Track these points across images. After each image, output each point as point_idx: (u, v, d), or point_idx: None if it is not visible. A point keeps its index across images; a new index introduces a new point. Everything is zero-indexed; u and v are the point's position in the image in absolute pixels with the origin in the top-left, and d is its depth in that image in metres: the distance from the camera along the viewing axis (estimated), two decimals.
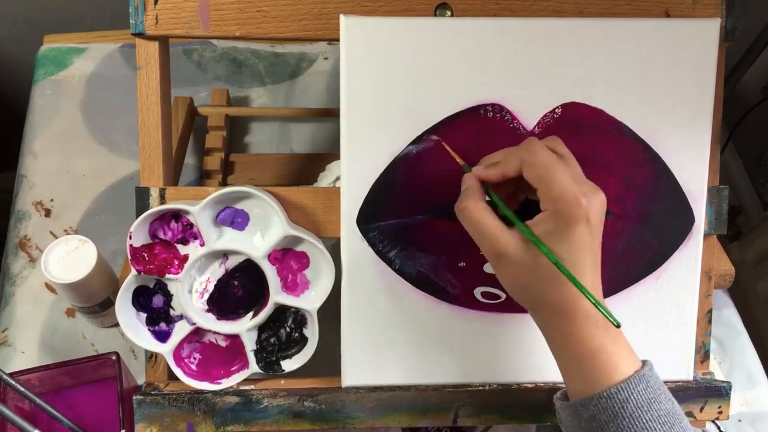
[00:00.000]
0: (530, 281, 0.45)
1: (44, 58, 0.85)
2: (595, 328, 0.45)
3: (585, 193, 0.44)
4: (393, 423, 0.57)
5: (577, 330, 0.45)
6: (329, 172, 0.69)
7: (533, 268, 0.45)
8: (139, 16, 0.52)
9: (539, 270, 0.45)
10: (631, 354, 0.46)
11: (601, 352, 0.44)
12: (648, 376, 0.44)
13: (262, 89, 0.86)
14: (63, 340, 0.69)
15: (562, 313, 0.45)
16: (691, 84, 0.54)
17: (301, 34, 0.53)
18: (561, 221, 0.44)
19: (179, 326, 0.55)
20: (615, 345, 0.45)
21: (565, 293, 0.44)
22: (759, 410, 0.71)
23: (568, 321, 0.45)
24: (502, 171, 0.47)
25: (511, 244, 0.45)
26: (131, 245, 0.53)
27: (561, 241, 0.44)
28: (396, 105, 0.53)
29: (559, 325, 0.45)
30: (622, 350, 0.45)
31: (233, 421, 0.56)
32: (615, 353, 0.45)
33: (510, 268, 0.46)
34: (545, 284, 0.45)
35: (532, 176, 0.45)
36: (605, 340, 0.45)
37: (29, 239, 0.74)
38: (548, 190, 0.44)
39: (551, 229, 0.44)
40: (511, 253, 0.45)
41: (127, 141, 0.80)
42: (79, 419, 0.57)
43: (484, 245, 0.46)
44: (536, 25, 0.53)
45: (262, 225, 0.54)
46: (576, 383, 0.46)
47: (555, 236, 0.44)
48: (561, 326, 0.45)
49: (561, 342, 0.46)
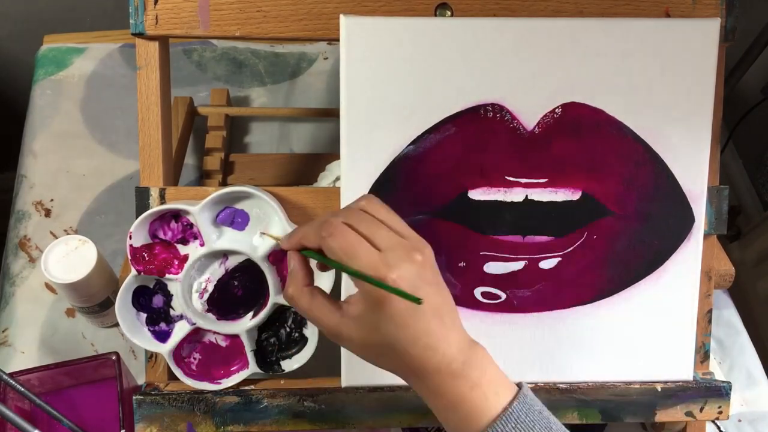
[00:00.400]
0: (375, 353, 0.44)
1: (44, 58, 0.85)
2: (451, 380, 0.43)
3: (390, 265, 0.41)
4: (393, 423, 0.57)
5: (433, 386, 0.43)
6: (329, 172, 0.69)
7: (370, 344, 0.43)
8: (139, 16, 0.52)
9: (376, 345, 0.43)
10: (496, 392, 0.43)
11: (463, 402, 0.43)
12: (516, 411, 0.43)
13: (262, 89, 0.86)
14: (63, 340, 0.69)
15: (414, 375, 0.44)
16: (691, 84, 0.54)
17: (301, 34, 0.53)
18: (370, 301, 0.42)
19: (179, 326, 0.55)
20: (474, 392, 0.43)
21: (408, 357, 0.43)
22: (759, 410, 0.71)
23: (422, 380, 0.43)
24: (298, 241, 0.45)
25: (344, 325, 0.44)
26: (131, 245, 0.53)
27: (379, 321, 0.42)
28: (396, 105, 0.53)
29: (418, 385, 0.44)
30: (484, 394, 0.43)
31: (233, 421, 0.56)
32: (476, 399, 0.43)
33: (352, 346, 0.44)
34: (387, 355, 0.43)
35: (335, 259, 0.43)
36: (463, 389, 0.43)
37: (29, 239, 0.74)
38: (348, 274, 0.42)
39: (365, 311, 0.42)
40: (346, 333, 0.44)
41: (127, 141, 0.80)
42: (79, 419, 0.57)
43: (322, 328, 0.45)
44: (536, 25, 0.53)
45: (262, 225, 0.54)
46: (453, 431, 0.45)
47: (372, 316, 0.42)
48: (418, 385, 0.44)
49: (426, 398, 0.45)
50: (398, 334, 0.42)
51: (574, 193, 0.55)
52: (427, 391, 0.44)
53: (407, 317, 0.42)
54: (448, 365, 0.43)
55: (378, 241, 0.42)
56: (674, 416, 0.58)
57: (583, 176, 0.54)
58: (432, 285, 0.43)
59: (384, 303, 0.41)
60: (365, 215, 0.44)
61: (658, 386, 0.58)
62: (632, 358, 0.57)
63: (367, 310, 0.42)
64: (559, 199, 0.55)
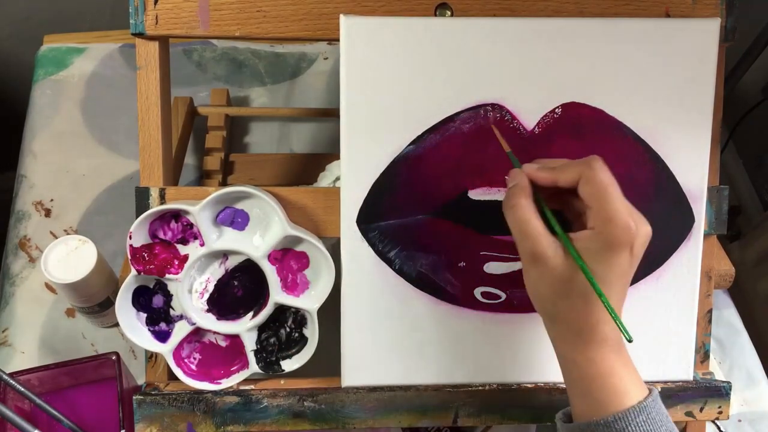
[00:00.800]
0: (558, 292, 0.45)
1: (44, 58, 0.85)
2: (609, 351, 0.45)
3: (636, 221, 0.44)
4: (393, 423, 0.57)
5: (590, 350, 0.45)
6: (329, 172, 0.69)
7: (566, 280, 0.45)
8: (139, 16, 0.52)
9: (572, 284, 0.44)
10: (638, 381, 0.46)
11: (611, 376, 0.45)
12: (650, 407, 0.44)
13: (262, 89, 0.86)
14: (63, 340, 0.69)
15: (580, 332, 0.45)
16: (691, 84, 0.54)
17: (301, 34, 0.53)
18: (606, 243, 0.44)
19: (179, 326, 0.55)
20: (625, 370, 0.45)
21: (590, 313, 0.44)
22: (759, 410, 0.71)
23: (584, 340, 0.45)
24: (555, 178, 0.46)
25: (551, 251, 0.45)
26: (131, 245, 0.53)
27: (601, 261, 0.44)
28: (396, 105, 0.53)
29: (574, 343, 0.46)
30: (631, 376, 0.46)
31: (233, 421, 0.56)
32: (624, 378, 0.45)
33: (543, 273, 0.45)
34: (572, 300, 0.45)
35: (588, 192, 0.44)
36: (617, 364, 0.45)
37: (29, 239, 0.74)
38: (602, 210, 0.44)
39: (594, 248, 0.44)
40: (550, 259, 0.45)
41: (127, 141, 0.80)
42: (79, 419, 0.57)
43: (524, 245, 0.46)
44: (536, 25, 0.53)
45: (262, 225, 0.54)
46: (581, 404, 0.46)
47: (596, 255, 0.44)
48: (576, 344, 0.46)
49: (572, 359, 0.46)
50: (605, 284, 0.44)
51: None
52: (580, 353, 0.45)
53: (619, 276, 0.44)
54: (614, 339, 0.45)
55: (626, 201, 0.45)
56: (674, 416, 0.58)
57: None
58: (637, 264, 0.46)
59: (615, 251, 0.43)
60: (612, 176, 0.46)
61: (658, 386, 0.58)
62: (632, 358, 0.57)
63: (594, 248, 0.44)
64: None
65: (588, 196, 0.44)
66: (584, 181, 0.45)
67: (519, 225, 0.46)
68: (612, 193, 0.44)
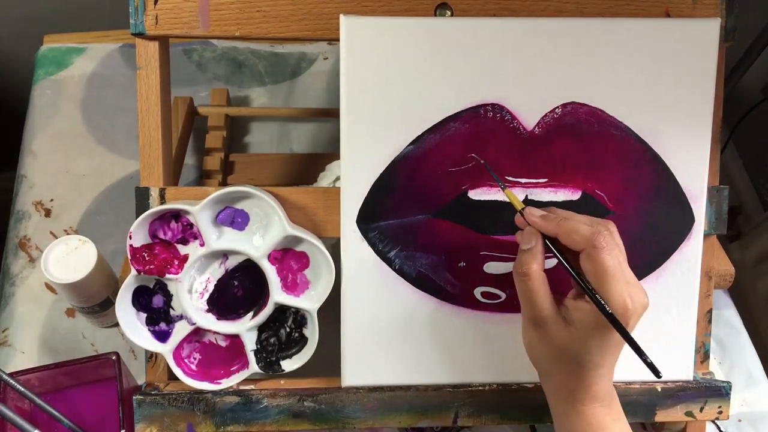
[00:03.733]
0: (555, 355, 0.47)
1: (44, 58, 0.85)
2: (600, 407, 0.47)
3: (633, 298, 0.44)
4: (393, 423, 0.57)
5: (582, 405, 0.47)
6: (329, 172, 0.69)
7: (563, 348, 0.46)
8: (139, 16, 0.52)
9: (568, 352, 0.46)
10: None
11: (602, 429, 0.46)
12: None
13: (262, 89, 0.86)
14: (63, 340, 0.69)
15: (572, 391, 0.47)
16: (691, 84, 0.54)
17: (301, 34, 0.53)
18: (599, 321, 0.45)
19: (179, 326, 0.55)
20: (615, 424, 0.47)
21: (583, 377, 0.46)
22: (759, 410, 0.71)
23: (575, 398, 0.47)
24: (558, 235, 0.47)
25: (553, 320, 0.46)
26: (131, 245, 0.53)
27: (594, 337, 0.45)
28: (396, 105, 0.53)
29: (566, 398, 0.47)
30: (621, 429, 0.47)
31: (233, 421, 0.56)
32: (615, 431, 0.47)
33: (542, 337, 0.47)
34: (567, 364, 0.47)
35: (590, 269, 0.45)
36: (607, 418, 0.47)
37: (29, 239, 0.74)
38: (599, 290, 0.44)
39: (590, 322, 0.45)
40: (550, 328, 0.46)
41: (127, 141, 0.80)
42: (79, 419, 0.57)
43: (529, 311, 0.47)
44: (536, 25, 0.53)
45: (262, 225, 0.54)
46: None
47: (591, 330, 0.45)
48: (567, 399, 0.47)
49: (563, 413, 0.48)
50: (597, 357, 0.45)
51: (573, 193, 0.55)
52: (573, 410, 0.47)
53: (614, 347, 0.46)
54: (606, 395, 0.47)
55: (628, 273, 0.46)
56: (674, 416, 0.58)
57: (583, 176, 0.54)
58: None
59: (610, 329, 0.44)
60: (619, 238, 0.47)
61: (658, 386, 0.58)
62: (632, 358, 0.57)
63: (590, 324, 0.45)
64: (559, 199, 0.55)
65: (589, 272, 0.45)
66: (586, 256, 0.45)
67: (528, 293, 0.47)
68: (612, 277, 0.44)
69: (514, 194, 0.51)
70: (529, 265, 0.47)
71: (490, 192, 0.54)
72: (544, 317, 0.46)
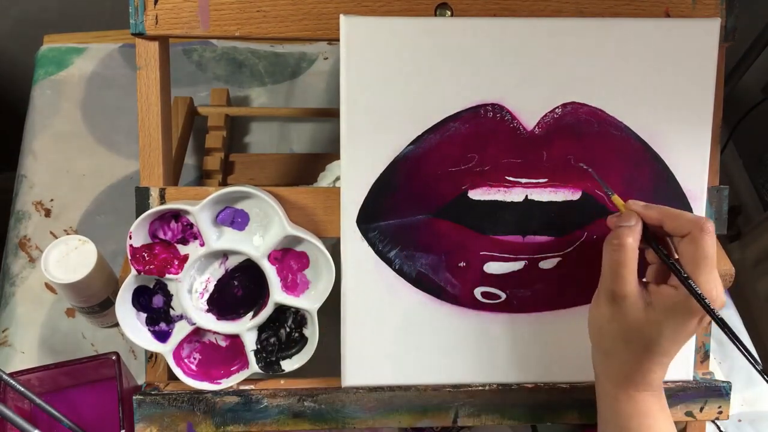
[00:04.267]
0: (623, 335, 0.47)
1: (44, 58, 0.85)
2: (650, 395, 0.47)
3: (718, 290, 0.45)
4: (393, 423, 0.57)
5: (633, 390, 0.47)
6: (329, 172, 0.69)
7: (636, 329, 0.46)
8: (139, 16, 0.52)
9: (639, 334, 0.46)
10: (671, 427, 0.48)
11: (648, 416, 0.47)
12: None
13: (262, 89, 0.86)
14: (63, 340, 0.69)
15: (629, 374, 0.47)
16: (691, 84, 0.54)
17: (301, 34, 0.53)
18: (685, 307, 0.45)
19: (179, 326, 0.55)
20: (661, 414, 0.47)
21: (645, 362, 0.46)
22: (759, 410, 0.71)
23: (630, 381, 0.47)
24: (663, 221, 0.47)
25: (633, 298, 0.46)
26: (131, 245, 0.53)
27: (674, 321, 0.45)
28: (396, 105, 0.53)
29: (619, 381, 0.48)
30: (666, 421, 0.48)
31: (233, 421, 0.56)
32: (659, 420, 0.47)
33: (615, 314, 0.47)
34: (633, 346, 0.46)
35: (690, 253, 0.45)
36: (655, 406, 0.47)
37: (29, 239, 0.74)
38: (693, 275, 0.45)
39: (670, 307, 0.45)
40: (629, 306, 0.46)
41: (127, 141, 0.80)
42: (79, 419, 0.56)
43: (611, 285, 0.47)
44: (536, 25, 0.53)
45: (262, 225, 0.54)
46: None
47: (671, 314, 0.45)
48: (621, 382, 0.48)
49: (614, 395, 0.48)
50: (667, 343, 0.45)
51: (573, 193, 0.55)
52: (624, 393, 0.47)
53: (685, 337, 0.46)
54: (658, 385, 0.48)
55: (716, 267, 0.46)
56: (674, 416, 0.58)
57: (583, 176, 0.54)
58: None
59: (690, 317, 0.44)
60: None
61: None
62: None
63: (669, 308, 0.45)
64: (559, 199, 0.55)
65: (687, 256, 0.45)
66: (690, 239, 0.45)
67: (615, 266, 0.47)
68: (709, 264, 0.45)
69: (620, 199, 0.50)
70: (626, 237, 0.46)
71: (490, 192, 0.54)
72: (625, 293, 0.46)
